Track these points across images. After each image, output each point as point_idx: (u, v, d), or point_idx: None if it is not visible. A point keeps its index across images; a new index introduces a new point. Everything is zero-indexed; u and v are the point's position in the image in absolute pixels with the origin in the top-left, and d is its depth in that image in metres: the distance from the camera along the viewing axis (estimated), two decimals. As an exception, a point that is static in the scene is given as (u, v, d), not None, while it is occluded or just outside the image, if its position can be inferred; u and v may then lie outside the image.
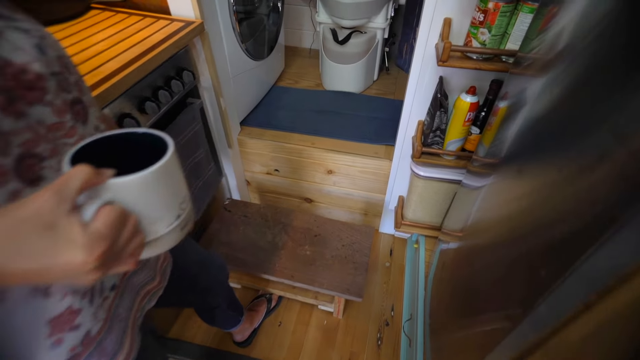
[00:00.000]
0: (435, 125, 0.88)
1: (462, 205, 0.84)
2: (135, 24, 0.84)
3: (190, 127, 0.96)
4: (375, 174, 1.26)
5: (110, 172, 0.26)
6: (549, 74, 0.48)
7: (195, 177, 1.03)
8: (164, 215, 0.31)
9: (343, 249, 1.15)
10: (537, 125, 0.47)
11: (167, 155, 0.29)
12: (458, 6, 0.76)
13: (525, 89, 0.55)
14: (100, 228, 0.25)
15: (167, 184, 0.30)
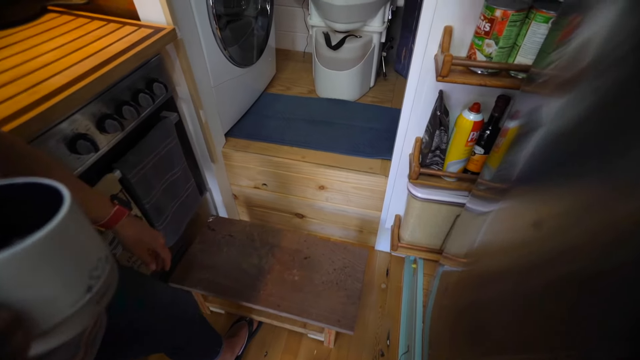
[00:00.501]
0: (435, 144, 0.79)
1: (466, 230, 0.76)
2: (95, 31, 0.75)
3: (163, 144, 0.86)
4: (370, 191, 1.17)
5: None
6: (570, 93, 0.40)
7: (170, 198, 0.94)
8: (65, 293, 0.24)
9: (334, 273, 1.06)
10: (555, 149, 0.41)
11: (59, 214, 0.22)
12: (460, 13, 0.66)
13: (540, 108, 0.48)
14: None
15: (65, 252, 0.23)
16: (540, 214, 0.41)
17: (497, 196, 0.58)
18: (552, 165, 0.41)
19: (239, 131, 1.28)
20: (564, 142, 0.39)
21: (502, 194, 0.56)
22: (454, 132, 0.78)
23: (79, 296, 0.24)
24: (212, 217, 1.19)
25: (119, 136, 0.73)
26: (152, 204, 0.85)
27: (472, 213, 0.73)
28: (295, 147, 1.23)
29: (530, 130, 0.50)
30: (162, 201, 0.89)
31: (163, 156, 0.87)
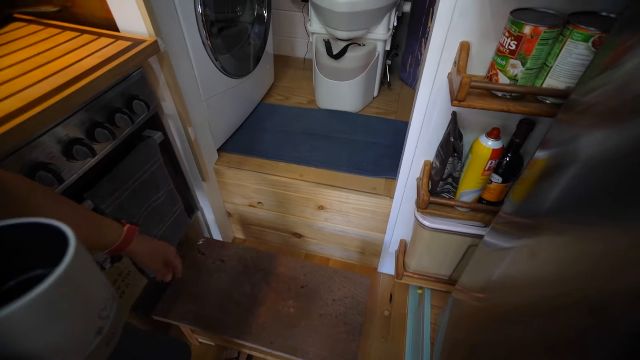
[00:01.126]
0: (447, 172, 0.70)
1: (482, 263, 0.69)
2: (65, 43, 0.67)
3: (145, 167, 0.78)
4: (373, 212, 1.09)
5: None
6: (615, 125, 0.35)
7: (154, 224, 0.86)
8: (76, 339, 0.23)
9: (334, 304, 0.98)
10: (593, 187, 0.36)
11: (66, 259, 0.21)
12: (478, 28, 0.58)
13: (577, 139, 0.42)
14: None
15: (73, 298, 0.22)
16: (572, 255, 0.37)
17: (521, 232, 0.53)
18: (587, 203, 0.36)
19: (233, 146, 1.19)
20: (604, 180, 0.34)
21: (527, 230, 0.51)
22: (469, 159, 0.69)
23: (91, 339, 0.23)
24: (202, 240, 1.11)
25: (90, 162, 0.65)
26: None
27: (490, 247, 0.66)
28: (293, 163, 1.14)
29: (564, 163, 0.44)
30: (144, 231, 0.81)
31: (145, 180, 0.79)
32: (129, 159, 0.74)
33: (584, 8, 0.49)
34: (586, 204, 0.37)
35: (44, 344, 0.21)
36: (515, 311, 0.48)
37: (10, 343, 0.19)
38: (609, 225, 0.32)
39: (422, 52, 1.38)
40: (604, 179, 0.35)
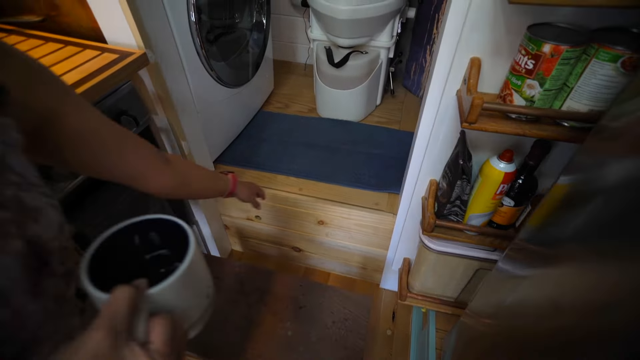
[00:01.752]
0: (455, 195, 0.65)
1: (495, 290, 0.65)
2: (48, 56, 0.63)
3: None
4: (375, 229, 1.04)
5: (144, 282, 0.28)
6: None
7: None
8: (198, 302, 0.34)
9: (334, 327, 0.93)
10: (624, 217, 0.33)
11: (190, 249, 0.31)
12: (491, 43, 0.53)
13: (607, 166, 0.39)
14: (159, 347, 0.27)
15: (196, 275, 0.33)
16: (594, 286, 0.35)
17: (540, 260, 0.50)
18: (614, 233, 0.34)
19: (230, 158, 1.15)
20: (634, 211, 0.32)
21: (545, 258, 0.48)
22: (479, 181, 0.64)
23: (204, 303, 0.34)
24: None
25: (70, 185, 0.61)
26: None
27: (504, 274, 0.62)
28: (292, 176, 1.10)
29: (590, 191, 0.41)
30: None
31: (134, 198, 0.74)
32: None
33: (612, 23, 0.44)
34: (613, 235, 0.34)
35: (182, 303, 0.32)
36: (528, 341, 0.47)
37: (164, 302, 0.30)
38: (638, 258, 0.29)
39: (426, 59, 1.34)
40: (634, 209, 0.32)
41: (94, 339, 0.25)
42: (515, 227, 0.73)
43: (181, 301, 0.31)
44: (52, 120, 0.35)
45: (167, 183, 0.46)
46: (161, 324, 0.28)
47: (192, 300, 0.33)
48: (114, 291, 0.27)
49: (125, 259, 0.34)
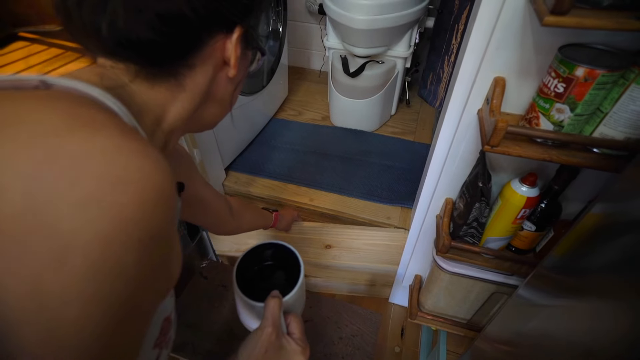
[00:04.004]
0: (472, 217, 0.63)
1: (512, 316, 0.62)
2: (64, 67, 0.63)
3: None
4: (386, 246, 1.01)
5: (278, 293, 0.43)
6: None
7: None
8: (304, 300, 0.52)
9: (340, 343, 0.91)
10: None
11: (301, 269, 0.49)
12: (517, 63, 0.50)
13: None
14: (301, 337, 0.41)
15: (304, 284, 0.50)
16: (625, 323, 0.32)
17: (561, 292, 0.47)
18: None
19: (242, 165, 1.14)
20: None
21: (572, 289, 0.45)
22: (499, 204, 0.61)
23: (305, 298, 0.53)
24: (205, 262, 1.06)
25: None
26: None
27: (524, 301, 0.59)
28: (303, 186, 1.08)
29: (629, 223, 0.37)
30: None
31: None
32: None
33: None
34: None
35: (298, 304, 0.48)
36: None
37: (291, 305, 0.44)
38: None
39: (444, 69, 1.31)
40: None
41: (266, 333, 0.37)
42: (535, 252, 0.69)
43: (298, 303, 0.48)
44: (186, 190, 0.46)
45: (229, 230, 0.65)
46: (296, 321, 0.42)
47: (301, 301, 0.50)
48: (268, 301, 0.41)
49: (252, 266, 0.54)
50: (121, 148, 0.19)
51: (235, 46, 0.28)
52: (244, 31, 0.28)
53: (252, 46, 0.31)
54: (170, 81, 0.27)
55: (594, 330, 0.38)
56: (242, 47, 0.29)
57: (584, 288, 0.42)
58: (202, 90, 0.29)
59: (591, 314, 0.40)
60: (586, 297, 0.41)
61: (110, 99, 0.23)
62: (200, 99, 0.29)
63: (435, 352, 0.94)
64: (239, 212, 0.66)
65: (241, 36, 0.28)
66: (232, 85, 0.31)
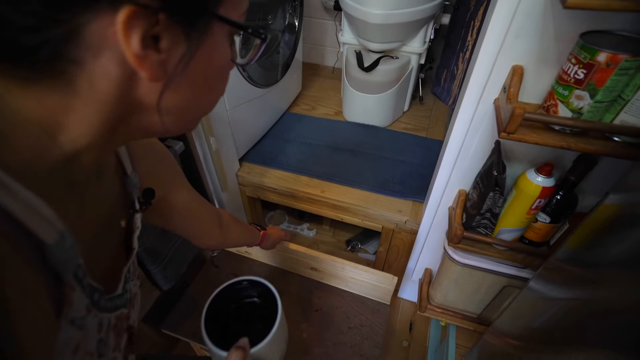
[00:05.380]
0: (486, 207, 0.63)
1: (523, 309, 0.62)
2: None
3: (164, 179, 0.76)
4: (374, 286, 1.00)
5: (246, 342, 0.42)
6: None
7: (169, 238, 0.83)
8: (280, 348, 0.52)
9: (349, 332, 0.92)
10: None
11: (278, 314, 0.48)
12: (536, 51, 0.51)
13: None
14: None
15: (282, 330, 0.49)
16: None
17: (577, 283, 0.47)
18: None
19: (255, 156, 1.16)
20: None
21: (586, 282, 0.45)
22: (513, 194, 0.62)
23: (284, 346, 0.53)
24: (216, 252, 1.08)
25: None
26: (145, 247, 0.74)
27: (536, 294, 0.59)
28: (315, 178, 1.09)
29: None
30: (158, 244, 0.79)
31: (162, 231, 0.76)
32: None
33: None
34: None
35: (271, 354, 0.46)
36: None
37: (259, 356, 0.43)
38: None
39: (458, 66, 1.30)
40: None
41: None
42: (549, 245, 0.69)
43: (270, 354, 0.46)
44: (164, 198, 0.43)
45: (214, 243, 0.58)
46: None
47: (276, 351, 0.48)
48: (231, 352, 0.39)
49: (229, 303, 0.52)
50: None
51: (127, 33, 0.18)
52: (147, 9, 0.18)
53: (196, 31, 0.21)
54: (52, 84, 0.19)
55: (606, 324, 0.37)
56: (179, 30, 0.20)
57: (597, 280, 0.42)
58: (110, 99, 0.20)
59: (605, 308, 0.39)
60: (599, 289, 0.41)
61: None
62: (112, 110, 0.21)
63: (444, 345, 0.94)
64: (227, 226, 0.60)
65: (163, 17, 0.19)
66: (173, 91, 0.22)
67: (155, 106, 0.22)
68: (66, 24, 0.17)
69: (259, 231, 0.74)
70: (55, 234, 0.20)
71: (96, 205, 0.28)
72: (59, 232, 0.20)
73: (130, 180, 0.34)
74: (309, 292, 0.99)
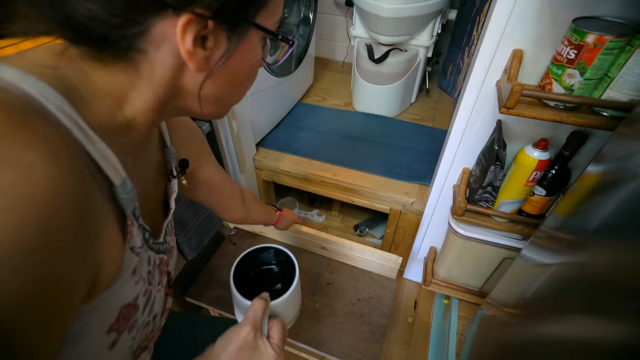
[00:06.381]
0: (487, 181, 0.69)
1: (518, 278, 0.67)
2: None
3: (193, 155, 0.83)
4: (379, 265, 1.07)
5: (267, 295, 0.46)
6: None
7: (194, 211, 0.91)
8: (294, 311, 0.58)
9: (358, 304, 0.98)
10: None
11: (296, 276, 0.56)
12: (535, 36, 0.57)
13: (637, 155, 0.39)
14: (279, 343, 0.42)
15: (296, 294, 0.55)
16: (623, 278, 0.34)
17: (565, 248, 0.51)
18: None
19: (271, 142, 1.23)
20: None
21: (572, 247, 0.49)
22: (512, 168, 0.68)
23: (298, 308, 0.59)
24: (234, 230, 1.15)
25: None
26: (174, 216, 0.82)
27: (528, 262, 0.64)
28: (327, 163, 1.16)
29: (621, 180, 0.42)
30: (186, 215, 0.86)
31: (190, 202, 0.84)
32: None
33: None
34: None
35: (286, 312, 0.52)
36: (551, 337, 0.46)
37: (277, 311, 0.48)
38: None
39: (464, 60, 1.37)
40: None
41: (244, 331, 0.39)
42: (545, 217, 0.75)
43: (286, 310, 0.51)
44: (194, 170, 0.48)
45: (238, 217, 0.65)
46: (278, 327, 0.43)
47: (292, 310, 0.54)
48: (254, 301, 0.43)
49: (251, 268, 0.60)
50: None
51: (183, 34, 0.23)
52: (201, 17, 0.23)
53: (236, 35, 0.25)
54: (124, 66, 0.25)
55: (593, 284, 0.40)
56: (222, 34, 0.25)
57: (582, 243, 0.46)
58: (164, 82, 0.26)
59: (591, 269, 0.42)
60: (585, 252, 0.45)
61: (32, 82, 0.21)
62: (166, 91, 0.27)
63: (447, 319, 1.01)
64: (249, 203, 0.66)
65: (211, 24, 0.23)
66: (212, 82, 0.27)
67: (196, 92, 0.27)
68: (141, 25, 0.22)
69: (275, 212, 0.81)
70: (119, 178, 0.26)
71: (144, 168, 0.35)
72: (122, 178, 0.26)
73: (169, 150, 0.40)
74: (320, 267, 1.06)
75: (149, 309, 0.33)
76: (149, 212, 0.37)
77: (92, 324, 0.26)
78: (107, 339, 0.28)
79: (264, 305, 0.43)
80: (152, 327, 0.36)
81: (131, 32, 0.23)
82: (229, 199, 0.60)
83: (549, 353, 0.45)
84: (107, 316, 0.28)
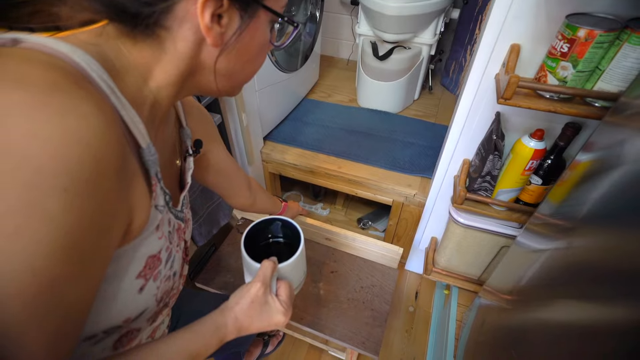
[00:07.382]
0: (486, 170, 0.73)
1: (513, 265, 0.70)
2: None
3: (205, 145, 0.87)
4: (382, 255, 1.11)
5: (275, 259, 0.49)
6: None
7: (205, 199, 0.95)
8: (300, 276, 0.60)
9: (362, 291, 1.02)
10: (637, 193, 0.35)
11: (301, 243, 0.57)
12: (531, 31, 0.61)
13: (625, 143, 0.42)
14: (286, 300, 0.46)
15: (302, 260, 0.58)
16: (612, 261, 0.36)
17: (557, 234, 0.53)
18: (633, 208, 0.35)
19: (277, 136, 1.27)
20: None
21: (563, 232, 0.51)
22: (510, 158, 0.71)
23: (304, 275, 0.62)
24: (241, 220, 1.19)
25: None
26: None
27: (523, 248, 0.67)
28: (332, 156, 1.20)
29: (608, 167, 0.44)
30: (198, 202, 0.90)
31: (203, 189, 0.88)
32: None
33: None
34: (632, 209, 0.35)
35: (293, 276, 0.55)
36: (545, 321, 0.47)
37: (284, 273, 0.51)
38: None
39: (466, 58, 1.40)
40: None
41: (255, 287, 0.43)
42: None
43: (293, 274, 0.54)
44: (205, 154, 0.52)
45: (245, 203, 0.68)
46: (285, 286, 0.47)
47: (298, 274, 0.57)
48: (263, 262, 0.47)
49: (260, 239, 0.63)
50: (44, 104, 0.20)
51: (202, 10, 0.26)
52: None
53: (247, 14, 0.29)
54: (151, 42, 0.28)
55: (583, 269, 0.41)
56: (236, 13, 0.28)
57: (573, 230, 0.48)
58: (185, 57, 0.29)
59: (581, 253, 0.43)
60: (576, 237, 0.46)
61: (81, 54, 0.24)
62: (186, 66, 0.29)
63: (447, 307, 1.04)
64: (256, 191, 0.69)
65: (226, 2, 0.26)
66: (225, 57, 0.30)
67: (212, 67, 0.30)
68: (168, 2, 0.25)
69: (280, 202, 0.85)
70: (145, 142, 0.29)
71: (163, 143, 0.39)
72: (147, 142, 0.30)
73: (185, 131, 0.44)
74: (325, 256, 1.09)
75: (170, 264, 0.37)
76: (167, 184, 0.40)
77: (124, 267, 0.31)
78: (136, 284, 0.33)
79: (272, 266, 0.46)
80: (172, 284, 0.39)
81: (159, 10, 0.26)
82: (236, 184, 0.63)
83: (543, 336, 0.46)
84: (136, 262, 0.32)
